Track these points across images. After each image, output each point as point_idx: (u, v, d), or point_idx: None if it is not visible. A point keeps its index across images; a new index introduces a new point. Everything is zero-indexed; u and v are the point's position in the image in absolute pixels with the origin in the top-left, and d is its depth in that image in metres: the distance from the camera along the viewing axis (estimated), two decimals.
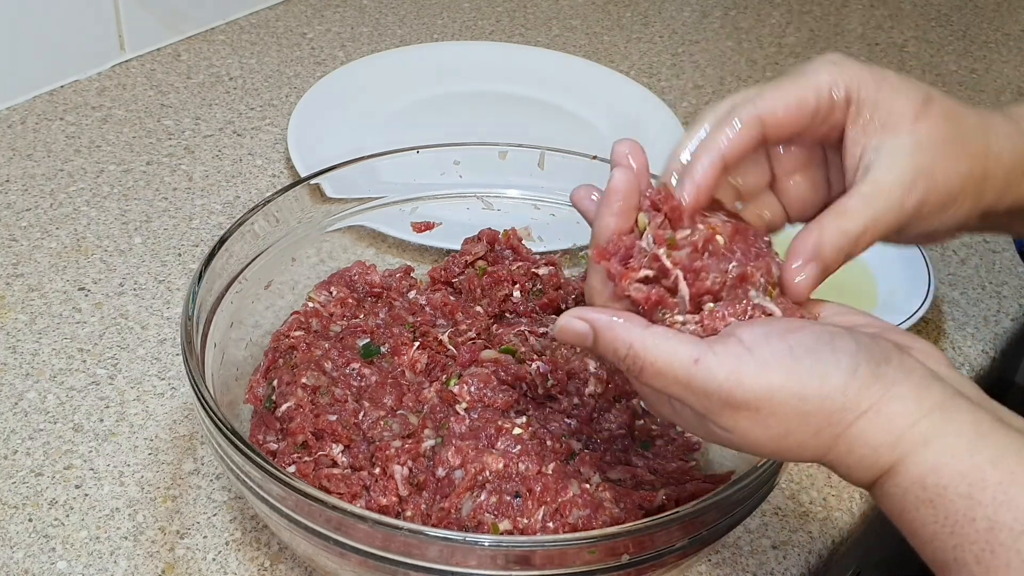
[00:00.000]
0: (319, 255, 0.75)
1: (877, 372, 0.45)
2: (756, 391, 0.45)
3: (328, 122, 1.00)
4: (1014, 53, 1.30)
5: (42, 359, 0.77)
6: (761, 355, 0.45)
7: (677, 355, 0.46)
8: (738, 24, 1.31)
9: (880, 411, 0.44)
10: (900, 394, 0.45)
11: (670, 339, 0.47)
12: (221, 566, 0.64)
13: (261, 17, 1.22)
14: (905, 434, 0.44)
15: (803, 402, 0.45)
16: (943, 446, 0.44)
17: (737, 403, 0.45)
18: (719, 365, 0.45)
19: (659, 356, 0.46)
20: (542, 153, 0.76)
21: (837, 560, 0.70)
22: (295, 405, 0.63)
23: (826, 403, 0.45)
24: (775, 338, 0.46)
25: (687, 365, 0.45)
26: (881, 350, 0.46)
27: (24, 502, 0.67)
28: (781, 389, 0.45)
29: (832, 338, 0.46)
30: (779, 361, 0.45)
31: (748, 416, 0.45)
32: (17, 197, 0.92)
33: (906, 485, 0.44)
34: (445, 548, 0.51)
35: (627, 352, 0.47)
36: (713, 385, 0.45)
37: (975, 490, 0.43)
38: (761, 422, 0.45)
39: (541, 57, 1.15)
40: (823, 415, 0.45)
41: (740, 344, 0.46)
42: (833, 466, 0.47)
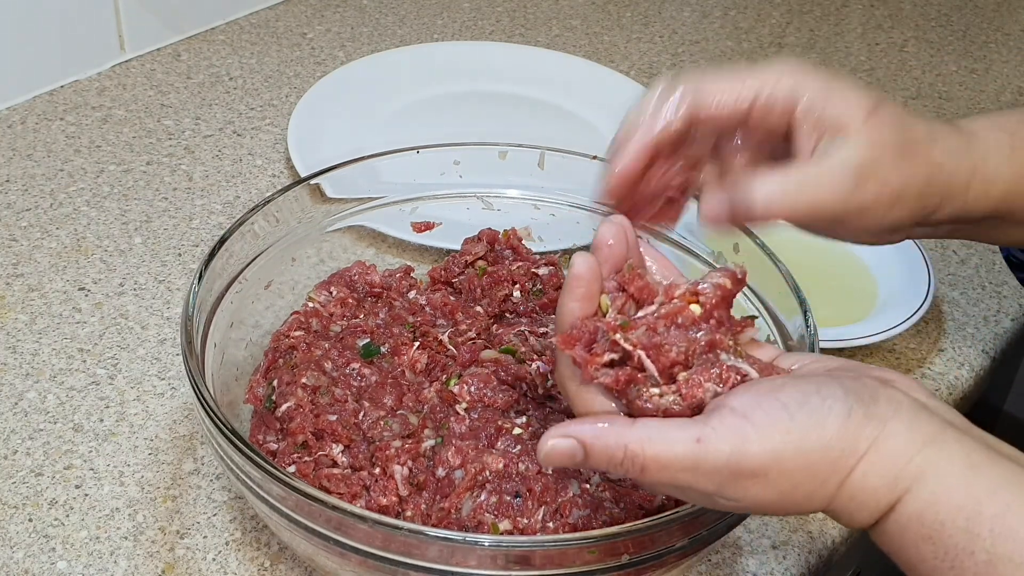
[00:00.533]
0: (319, 255, 0.75)
1: (869, 412, 0.45)
2: (762, 457, 0.44)
3: (328, 122, 1.00)
4: (1014, 53, 1.30)
5: (42, 359, 0.77)
6: (758, 420, 0.45)
7: (677, 441, 0.45)
8: (738, 24, 1.31)
9: (878, 450, 0.45)
10: (894, 431, 0.45)
11: (663, 427, 0.46)
12: (221, 566, 0.64)
13: (261, 17, 1.22)
14: (902, 471, 0.44)
15: (807, 456, 0.45)
16: (938, 480, 0.44)
17: (746, 473, 0.45)
18: (721, 440, 0.45)
19: (659, 449, 0.45)
20: (542, 153, 0.76)
21: (837, 560, 0.70)
22: (295, 405, 0.63)
23: (828, 452, 0.45)
24: (766, 400, 0.46)
25: (690, 447, 0.45)
26: (867, 389, 0.46)
27: (24, 502, 0.67)
28: (785, 449, 0.44)
29: (818, 388, 0.46)
30: (776, 423, 0.45)
31: (757, 483, 0.45)
32: (17, 197, 0.92)
33: (904, 522, 0.44)
34: (445, 548, 0.51)
35: (623, 456, 0.46)
36: (720, 461, 0.45)
37: (972, 523, 0.43)
38: (770, 485, 0.45)
39: (541, 57, 1.15)
40: (827, 464, 0.45)
41: (734, 413, 0.45)
42: (836, 514, 0.47)
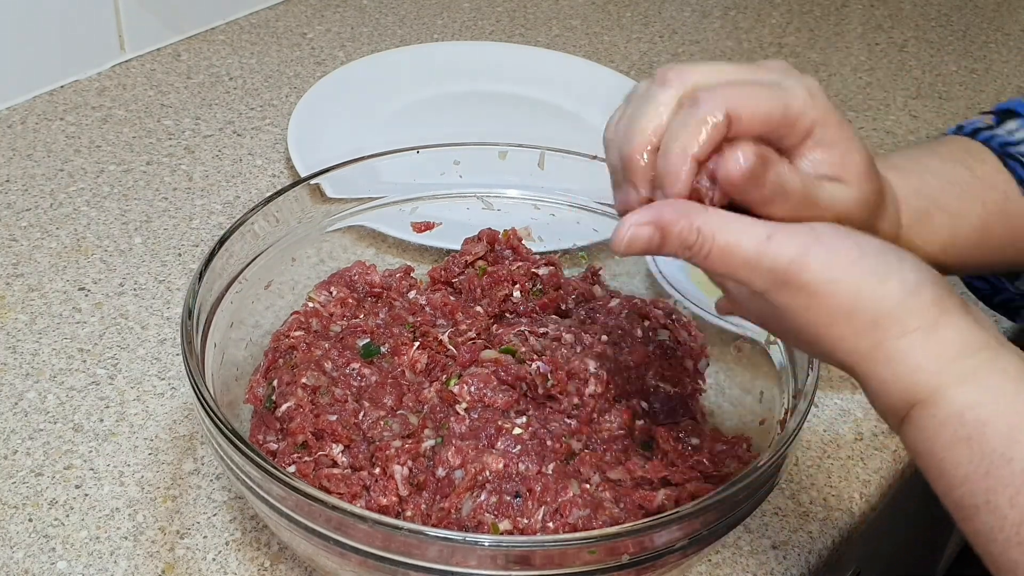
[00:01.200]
0: (319, 255, 0.75)
1: (938, 296, 0.45)
2: (819, 276, 0.45)
3: (328, 122, 1.00)
4: (1014, 53, 1.30)
5: (42, 359, 0.77)
6: (831, 243, 0.45)
7: (748, 234, 0.46)
8: (738, 24, 1.31)
9: (932, 334, 0.44)
10: (954, 324, 0.44)
11: (740, 220, 0.46)
12: (221, 566, 0.64)
13: (261, 17, 1.22)
14: (951, 364, 0.44)
15: (858, 298, 0.45)
16: (988, 384, 0.43)
17: (798, 284, 0.45)
18: (788, 244, 0.45)
19: (729, 237, 0.46)
20: (542, 153, 0.76)
21: (837, 560, 0.70)
22: (295, 405, 0.63)
23: (879, 306, 0.44)
24: (847, 235, 0.46)
25: (758, 242, 0.45)
26: (945, 285, 0.46)
27: (24, 502, 0.67)
28: (841, 279, 0.45)
29: (902, 253, 0.46)
30: (846, 253, 0.45)
31: (803, 299, 0.45)
32: (17, 197, 0.92)
33: (942, 418, 0.43)
34: (445, 548, 0.51)
35: (696, 238, 0.46)
36: (780, 263, 0.45)
37: (1015, 431, 0.42)
38: (813, 307, 0.45)
39: (541, 57, 1.15)
40: (871, 317, 0.45)
41: (812, 231, 0.46)
42: (866, 379, 0.46)
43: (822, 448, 0.75)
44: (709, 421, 0.69)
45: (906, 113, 1.16)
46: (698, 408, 0.68)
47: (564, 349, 0.67)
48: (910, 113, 1.16)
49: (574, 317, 0.72)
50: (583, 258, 0.79)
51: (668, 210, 0.47)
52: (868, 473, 0.73)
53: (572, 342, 0.68)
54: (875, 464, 0.73)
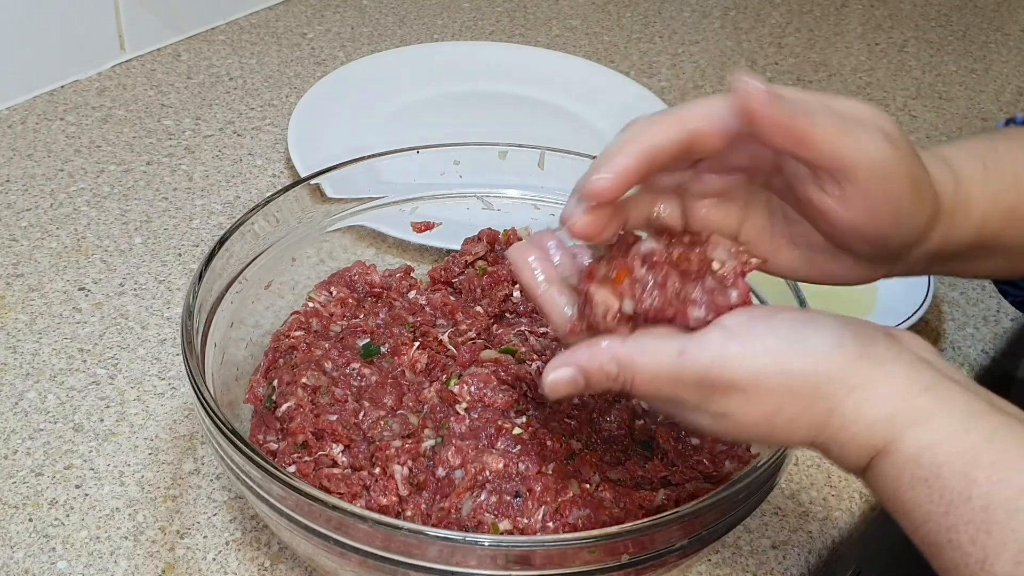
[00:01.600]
0: (319, 255, 0.75)
1: (864, 350, 0.45)
2: (742, 370, 0.45)
3: (328, 122, 1.00)
4: (1014, 53, 1.30)
5: (42, 359, 0.77)
6: (743, 337, 0.46)
7: (662, 352, 0.47)
8: (738, 24, 1.31)
9: (873, 387, 0.45)
10: (893, 372, 0.45)
11: (652, 341, 0.47)
12: (221, 566, 0.64)
13: (261, 17, 1.22)
14: (900, 411, 0.44)
15: (789, 377, 0.45)
16: (938, 425, 0.44)
17: (725, 385, 0.45)
18: (703, 352, 0.46)
19: (645, 360, 0.47)
20: (542, 153, 0.76)
21: (837, 560, 0.70)
22: (295, 405, 0.63)
23: (811, 377, 0.45)
24: (757, 320, 0.47)
25: (672, 359, 0.46)
26: (868, 332, 0.46)
27: (24, 502, 0.67)
28: (766, 366, 0.45)
29: (814, 316, 0.47)
30: (762, 340, 0.46)
31: (738, 397, 0.46)
32: (17, 197, 0.92)
33: (901, 464, 0.44)
34: (445, 548, 0.51)
35: (617, 370, 0.47)
36: (700, 371, 0.46)
37: (970, 468, 0.42)
38: (751, 401, 0.46)
39: (541, 57, 1.15)
40: (810, 389, 0.45)
41: (722, 330, 0.47)
42: (827, 447, 0.46)
43: None
44: None
45: (906, 113, 1.16)
46: None
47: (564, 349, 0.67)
48: (910, 113, 1.16)
49: None
50: None
51: (583, 350, 0.49)
52: None
53: None
54: None
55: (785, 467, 0.58)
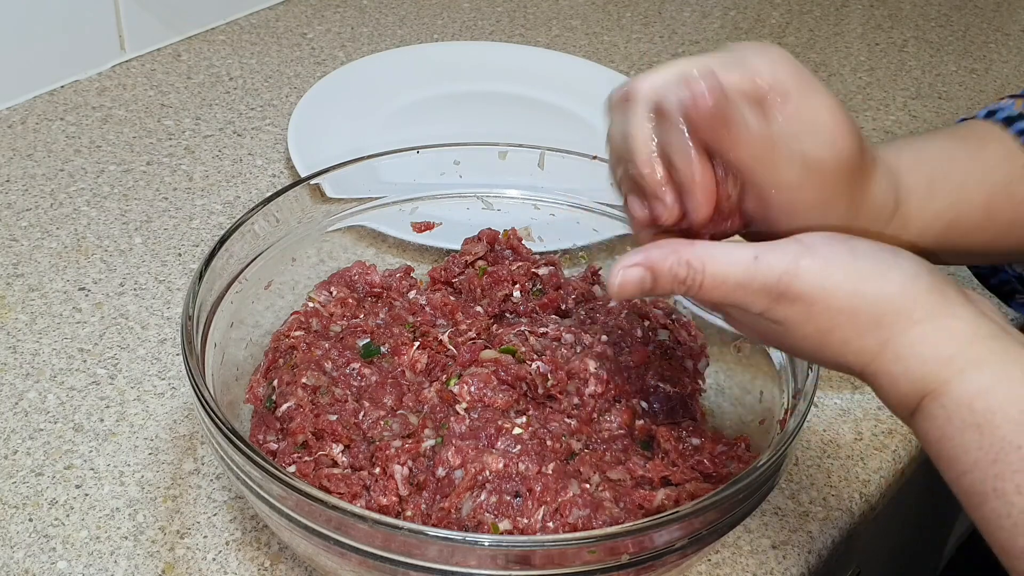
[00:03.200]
0: (319, 255, 0.75)
1: (937, 288, 0.45)
2: (813, 284, 0.45)
3: (328, 122, 1.00)
4: (1014, 53, 1.30)
5: (42, 359, 0.77)
6: (821, 252, 0.46)
7: (735, 259, 0.46)
8: (738, 24, 1.31)
9: (936, 324, 0.44)
10: (958, 314, 0.45)
11: (725, 247, 0.47)
12: (221, 566, 0.64)
13: (261, 17, 1.22)
14: (959, 352, 0.44)
15: (857, 297, 0.45)
16: (996, 371, 0.43)
17: (794, 295, 0.45)
18: (777, 259, 0.46)
19: (718, 265, 0.47)
20: (542, 153, 0.76)
21: (837, 560, 0.70)
22: (295, 405, 0.63)
23: (880, 303, 0.45)
24: (836, 241, 0.47)
25: (747, 263, 0.46)
26: (941, 275, 0.46)
27: (24, 502, 0.67)
28: (838, 283, 0.45)
29: (893, 249, 0.47)
30: (839, 258, 0.46)
31: (801, 309, 0.46)
32: (17, 197, 0.92)
33: (952, 406, 0.43)
34: (445, 548, 0.51)
35: (687, 272, 0.47)
36: (772, 278, 0.46)
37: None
38: (812, 316, 0.46)
39: (541, 57, 1.15)
40: (874, 315, 0.45)
41: (799, 243, 0.46)
42: (876, 378, 0.46)
43: (822, 448, 0.75)
44: (709, 421, 0.69)
45: (906, 113, 1.16)
46: (698, 408, 0.68)
47: (564, 349, 0.67)
48: (910, 113, 1.16)
49: (574, 317, 0.72)
50: (583, 258, 0.79)
51: (655, 250, 0.48)
52: (868, 473, 0.73)
53: (572, 342, 0.68)
54: (875, 464, 0.73)
55: (785, 467, 0.58)
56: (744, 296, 0.47)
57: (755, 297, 0.46)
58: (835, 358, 0.47)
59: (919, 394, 0.45)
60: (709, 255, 0.47)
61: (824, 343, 0.46)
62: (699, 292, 0.47)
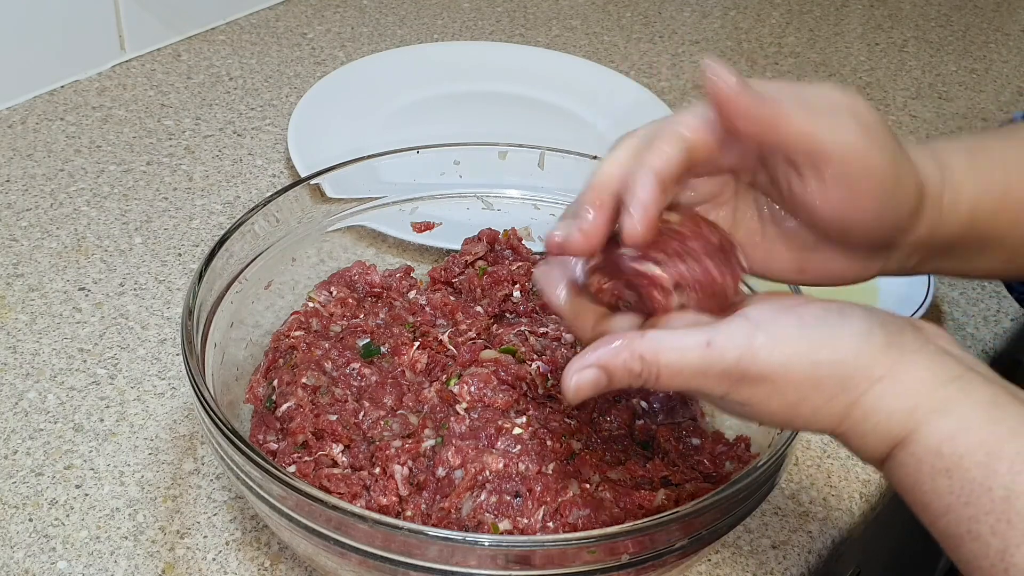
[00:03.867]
0: (319, 255, 0.75)
1: (891, 341, 0.45)
2: (770, 363, 0.45)
3: (328, 122, 1.00)
4: (1014, 53, 1.30)
5: (42, 359, 0.77)
6: (771, 329, 0.45)
7: (688, 347, 0.46)
8: (738, 24, 1.31)
9: (897, 378, 0.44)
10: (916, 362, 0.45)
11: (675, 335, 0.47)
12: (221, 566, 0.64)
13: (261, 17, 1.22)
14: (922, 401, 0.44)
15: (816, 367, 0.45)
16: (961, 415, 0.43)
17: (753, 378, 0.45)
18: (731, 344, 0.45)
19: (671, 355, 0.46)
20: (542, 153, 0.76)
21: (837, 560, 0.70)
22: (295, 405, 0.63)
23: (838, 367, 0.45)
24: (783, 312, 0.46)
25: (700, 351, 0.46)
26: (894, 322, 0.46)
27: (24, 502, 0.67)
28: (794, 358, 0.45)
29: (841, 308, 0.46)
30: (789, 333, 0.45)
31: (764, 388, 0.45)
32: (17, 197, 0.92)
33: (921, 454, 0.44)
34: (445, 548, 0.51)
35: (641, 366, 0.46)
36: (729, 363, 0.45)
37: (992, 459, 0.42)
38: (777, 392, 0.45)
39: (541, 57, 1.15)
40: (836, 380, 0.45)
41: (748, 321, 0.46)
42: (847, 437, 0.46)
43: (822, 448, 0.75)
44: (709, 421, 0.69)
45: (906, 113, 1.16)
46: (698, 408, 0.68)
47: (564, 349, 0.67)
48: (910, 113, 1.16)
49: None
50: None
51: (603, 347, 0.47)
52: (868, 473, 0.73)
53: (572, 342, 0.68)
54: None
55: (785, 467, 0.58)
56: (703, 383, 0.46)
57: (715, 383, 0.46)
58: (806, 425, 0.47)
59: (889, 445, 0.45)
60: (661, 346, 0.46)
61: (794, 415, 0.46)
62: (657, 384, 0.47)
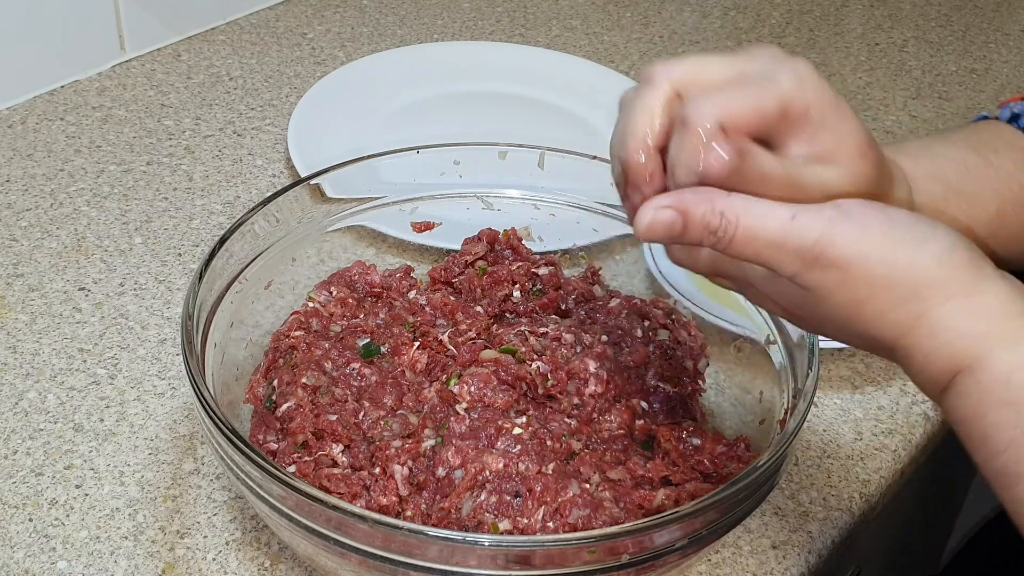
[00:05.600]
0: (319, 255, 0.75)
1: (973, 262, 0.44)
2: (849, 249, 0.44)
3: (328, 122, 1.00)
4: (1014, 53, 1.30)
5: (42, 359, 0.77)
6: (857, 219, 0.44)
7: (771, 215, 0.45)
8: (738, 24, 1.31)
9: (972, 298, 0.43)
10: (993, 288, 0.44)
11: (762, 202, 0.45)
12: (221, 566, 0.64)
13: (261, 17, 1.22)
14: (994, 328, 0.43)
15: (893, 267, 0.44)
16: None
17: (828, 261, 0.44)
18: (814, 221, 0.44)
19: (753, 219, 0.45)
20: (542, 153, 0.76)
21: (837, 560, 0.70)
22: (295, 405, 0.63)
23: (916, 272, 0.43)
24: (874, 209, 0.45)
25: (783, 222, 0.44)
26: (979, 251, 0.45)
27: (24, 502, 0.67)
28: (873, 251, 0.44)
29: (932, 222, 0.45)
30: (877, 225, 0.44)
31: (835, 276, 0.44)
32: (17, 197, 0.92)
33: (987, 383, 0.42)
34: (445, 548, 0.51)
35: (719, 222, 0.45)
36: (808, 240, 0.44)
37: None
38: (847, 283, 0.44)
39: (541, 57, 1.15)
40: (910, 285, 0.44)
41: (838, 208, 0.45)
42: (908, 352, 0.45)
43: (822, 448, 0.75)
44: (709, 421, 0.69)
45: (906, 113, 1.16)
46: (698, 408, 0.68)
47: (564, 349, 0.67)
48: (910, 113, 1.16)
49: (574, 317, 0.72)
50: (583, 258, 0.79)
51: (689, 194, 0.46)
52: (868, 473, 0.73)
53: (572, 342, 0.68)
54: (875, 464, 0.73)
55: (785, 467, 0.58)
56: (776, 255, 0.45)
57: (788, 258, 0.44)
58: (866, 330, 0.45)
59: (952, 370, 0.43)
60: (745, 208, 0.45)
61: (857, 314, 0.45)
62: (729, 246, 0.45)
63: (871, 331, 0.45)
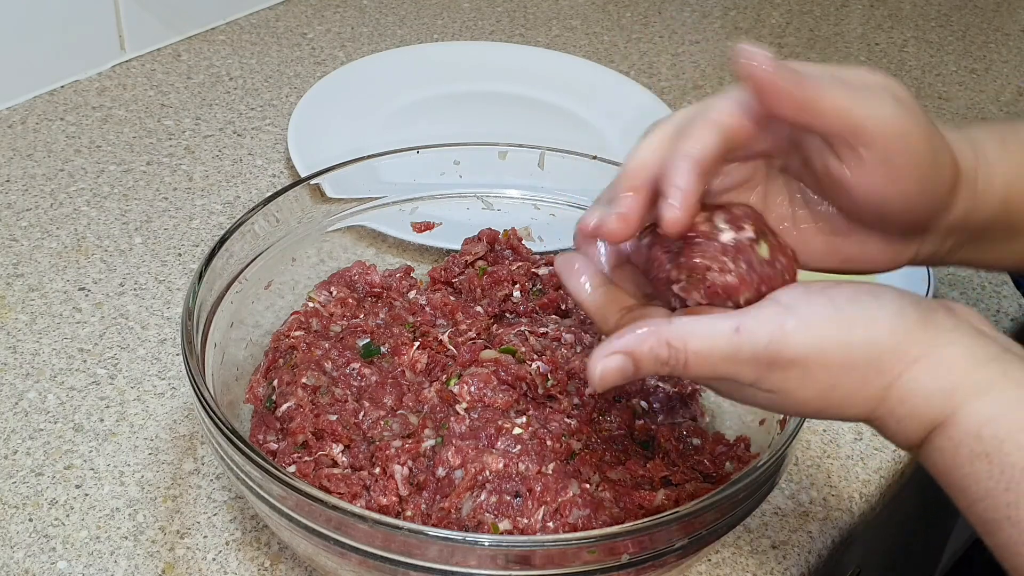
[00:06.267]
0: (319, 255, 0.75)
1: (926, 319, 0.44)
2: (802, 345, 0.44)
3: (328, 122, 1.00)
4: (1014, 53, 1.30)
5: (42, 359, 0.77)
6: (802, 312, 0.44)
7: (716, 332, 0.45)
8: (738, 24, 1.31)
9: (933, 358, 0.43)
10: (953, 342, 0.44)
11: (703, 320, 0.45)
12: (221, 566, 0.64)
13: (261, 17, 1.22)
14: (961, 383, 0.43)
15: (849, 349, 0.44)
16: (1000, 397, 0.42)
17: (784, 362, 0.44)
18: (760, 328, 0.44)
19: (700, 341, 0.45)
20: (542, 153, 0.76)
21: (837, 560, 0.70)
22: (295, 405, 0.63)
23: (873, 348, 0.43)
24: (814, 295, 0.45)
25: (728, 337, 0.44)
26: (927, 303, 0.45)
27: (24, 502, 0.67)
28: (826, 339, 0.44)
29: (872, 289, 0.45)
30: (821, 314, 0.44)
31: (796, 373, 0.44)
32: (17, 197, 0.92)
33: (959, 437, 0.43)
34: (445, 548, 0.51)
35: (668, 353, 0.45)
36: (759, 347, 0.44)
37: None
38: (808, 378, 0.44)
39: (541, 57, 1.15)
40: (870, 362, 0.44)
41: (778, 304, 0.45)
42: (882, 423, 0.45)
43: (822, 448, 0.75)
44: (709, 421, 0.69)
45: None
46: (698, 408, 0.68)
47: (564, 349, 0.67)
48: None
49: (574, 317, 0.72)
50: None
51: (630, 334, 0.46)
52: (868, 473, 0.73)
53: (572, 342, 0.68)
54: (875, 464, 0.74)
55: (785, 467, 0.58)
56: (732, 368, 0.45)
57: (745, 368, 0.45)
58: (839, 413, 0.46)
59: (926, 429, 0.44)
60: (691, 331, 0.45)
61: (826, 402, 0.45)
62: (685, 371, 0.45)
63: (844, 413, 0.46)
